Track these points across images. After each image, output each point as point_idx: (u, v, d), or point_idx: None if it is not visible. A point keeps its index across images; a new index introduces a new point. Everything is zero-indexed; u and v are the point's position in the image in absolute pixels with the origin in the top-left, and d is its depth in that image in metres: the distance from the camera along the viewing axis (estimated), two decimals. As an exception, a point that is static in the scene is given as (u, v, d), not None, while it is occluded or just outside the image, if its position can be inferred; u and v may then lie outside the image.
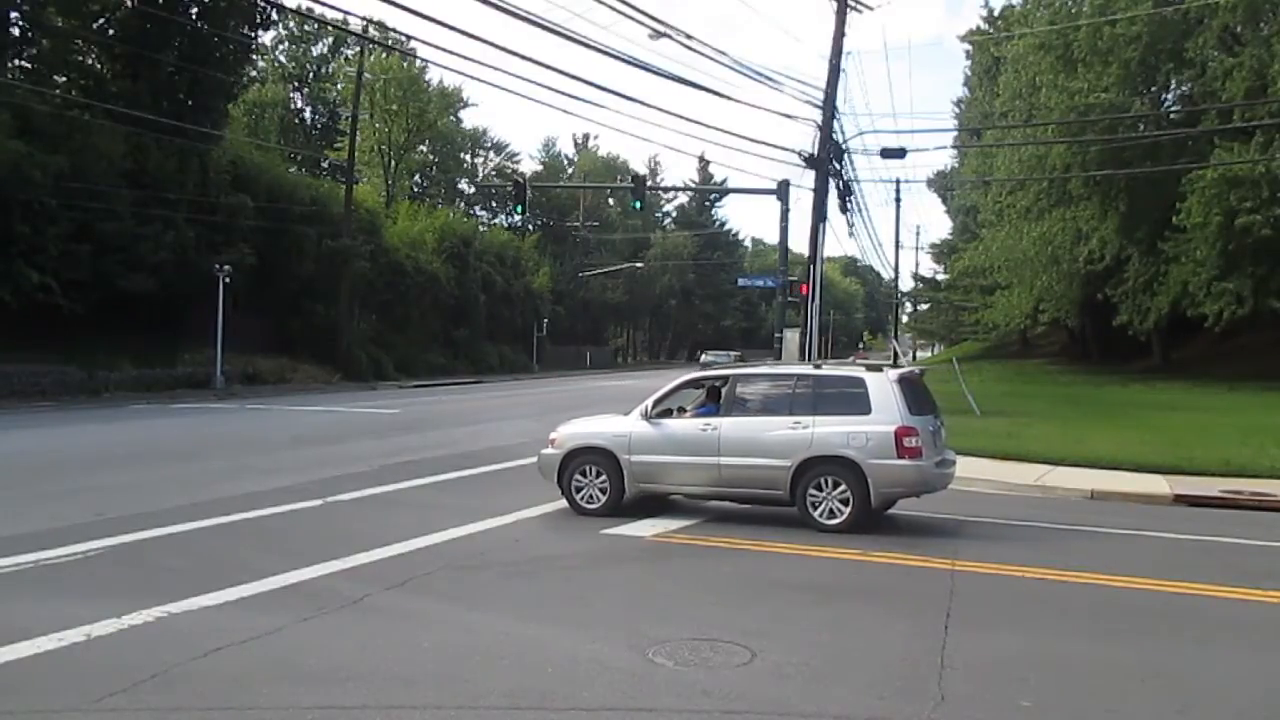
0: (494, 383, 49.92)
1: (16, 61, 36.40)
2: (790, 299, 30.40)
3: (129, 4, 37.16)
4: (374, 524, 10.95)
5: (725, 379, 12.11)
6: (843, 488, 10.79)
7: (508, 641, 6.85)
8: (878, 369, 11.75)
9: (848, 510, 10.77)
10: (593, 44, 21.30)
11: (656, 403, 12.07)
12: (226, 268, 35.04)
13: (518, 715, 5.53)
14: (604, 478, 11.75)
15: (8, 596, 7.73)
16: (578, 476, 11.89)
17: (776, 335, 29.02)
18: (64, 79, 37.51)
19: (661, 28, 23.27)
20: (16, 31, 36.15)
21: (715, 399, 11.99)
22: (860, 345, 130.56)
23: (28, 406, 26.69)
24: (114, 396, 30.64)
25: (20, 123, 30.73)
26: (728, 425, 11.40)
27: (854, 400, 11.02)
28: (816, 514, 10.88)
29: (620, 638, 6.91)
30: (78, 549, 9.23)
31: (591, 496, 11.80)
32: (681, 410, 12.37)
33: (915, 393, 11.46)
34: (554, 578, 8.98)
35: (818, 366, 12.79)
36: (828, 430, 10.92)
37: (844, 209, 31.81)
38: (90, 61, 38.14)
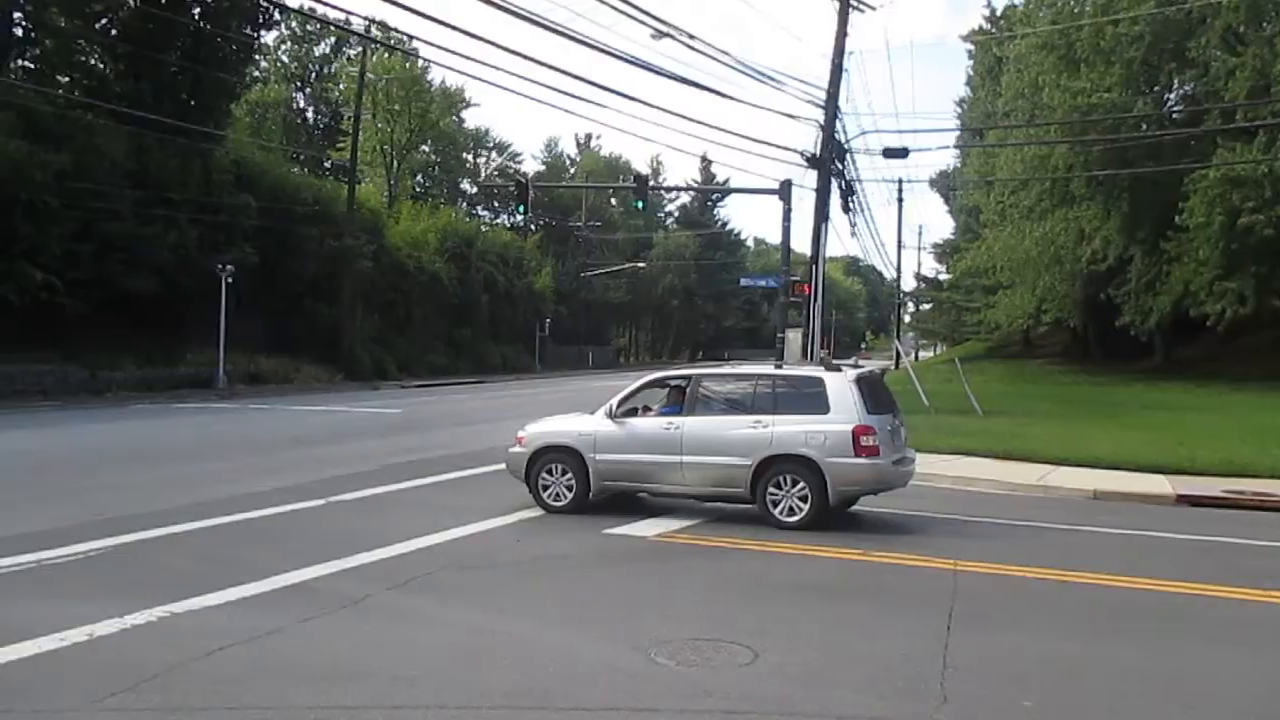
0: (496, 383, 49.92)
1: (19, 61, 36.42)
2: (792, 299, 30.36)
3: (131, 4, 37.19)
4: (376, 524, 10.96)
5: (689, 379, 12.25)
6: (802, 485, 10.93)
7: (510, 641, 6.86)
8: (836, 369, 11.89)
9: (806, 508, 10.91)
10: (595, 44, 21.31)
11: (621, 402, 12.18)
12: (229, 268, 35.04)
13: (520, 715, 5.53)
14: (570, 476, 11.86)
15: (9, 596, 7.74)
16: (544, 474, 11.99)
17: (779, 335, 28.96)
18: (67, 79, 37.52)
19: (664, 28, 23.24)
20: (20, 31, 36.12)
21: (679, 398, 12.10)
22: (862, 345, 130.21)
23: (30, 406, 26.68)
24: (117, 396, 30.65)
25: (23, 123, 30.74)
26: (690, 424, 11.54)
27: (813, 400, 11.18)
28: (776, 511, 11.02)
29: (623, 638, 6.91)
30: (79, 549, 9.23)
31: (558, 494, 11.90)
32: (647, 409, 12.46)
33: (874, 392, 11.64)
34: (556, 578, 8.98)
35: (778, 367, 12.89)
36: (787, 429, 11.07)
37: (846, 209, 31.88)
38: (93, 62, 38.15)
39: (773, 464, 11.04)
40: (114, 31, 37.34)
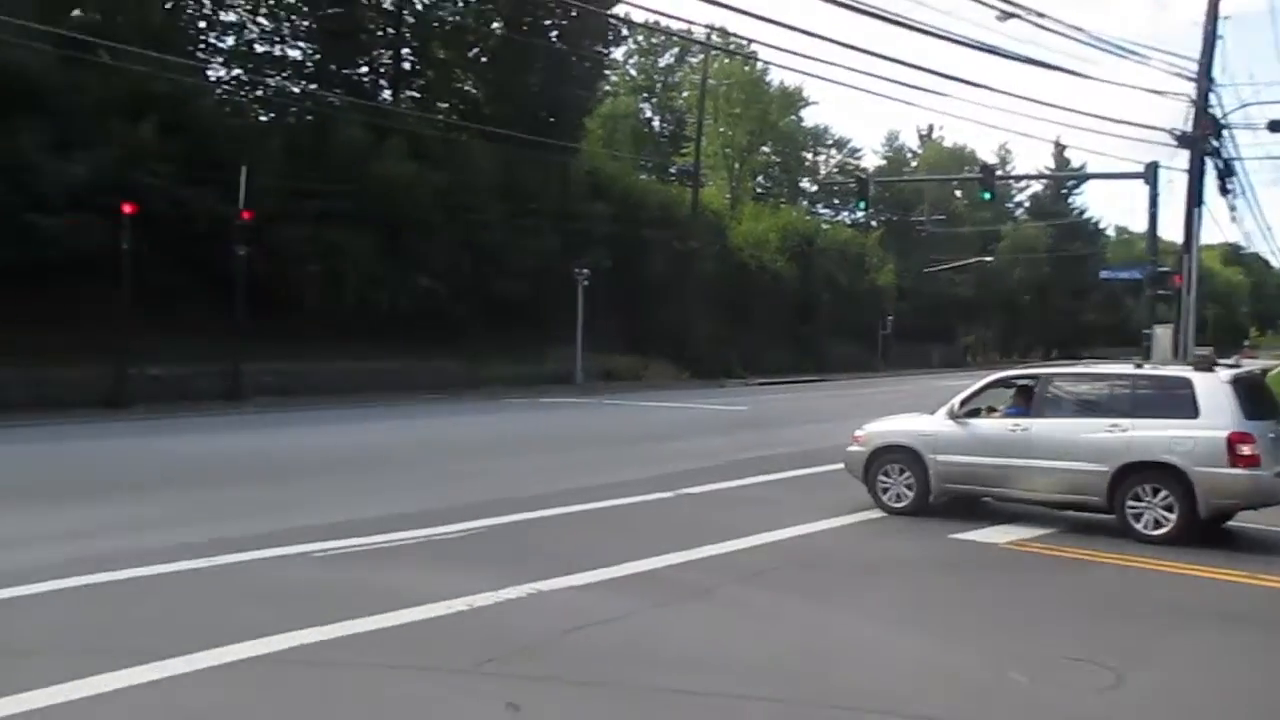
0: (838, 380, 49.64)
1: (407, 92, 40.99)
2: (1160, 292, 27.93)
3: (497, 32, 40.75)
4: (721, 517, 11.28)
5: (1037, 378, 11.65)
6: (1165, 496, 10.02)
7: (852, 642, 6.87)
8: (1208, 368, 10.74)
9: (1173, 521, 9.98)
10: (935, 31, 20.64)
11: (964, 402, 11.73)
12: (585, 271, 37.36)
13: (862, 717, 5.52)
14: (909, 477, 11.59)
15: (407, 566, 8.73)
16: (883, 475, 11.80)
17: (1144, 332, 26.79)
18: (446, 105, 41.71)
19: (1010, 8, 22.05)
20: (407, 65, 40.75)
21: (1026, 399, 11.51)
22: (1245, 343, 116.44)
23: (419, 400, 29.61)
24: (490, 391, 33.49)
25: (412, 146, 34.49)
26: (1038, 427, 10.93)
27: (1179, 402, 10.21)
28: (1138, 524, 10.17)
29: (972, 648, 6.71)
30: (463, 526, 10.24)
31: (897, 495, 11.67)
32: (990, 410, 11.95)
33: (1253, 395, 10.48)
34: (901, 581, 8.86)
35: (1138, 366, 11.87)
36: (1148, 434, 10.21)
37: (1224, 191, 28.68)
38: (467, 87, 42.18)
39: (1132, 472, 10.25)
40: (483, 59, 41.14)
